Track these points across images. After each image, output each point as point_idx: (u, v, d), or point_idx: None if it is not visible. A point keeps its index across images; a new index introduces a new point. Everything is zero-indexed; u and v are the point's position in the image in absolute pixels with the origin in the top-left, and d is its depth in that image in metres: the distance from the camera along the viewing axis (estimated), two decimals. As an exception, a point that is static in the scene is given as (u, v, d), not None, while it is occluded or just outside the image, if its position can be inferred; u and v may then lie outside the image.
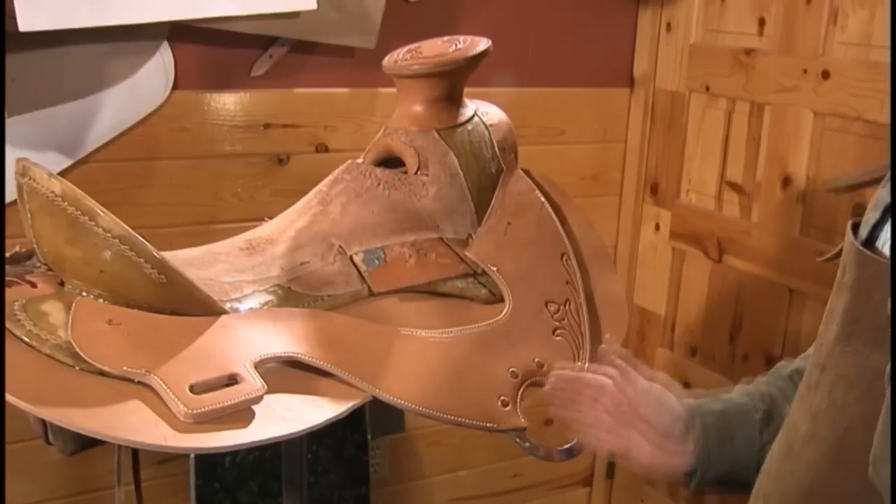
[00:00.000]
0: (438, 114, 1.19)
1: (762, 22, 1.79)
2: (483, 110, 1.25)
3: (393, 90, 1.24)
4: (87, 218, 0.88)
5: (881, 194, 0.84)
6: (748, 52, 1.82)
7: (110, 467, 1.68)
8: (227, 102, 1.71)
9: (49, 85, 1.54)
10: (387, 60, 1.20)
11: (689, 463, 1.04)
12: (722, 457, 1.04)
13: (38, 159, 1.53)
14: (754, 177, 1.84)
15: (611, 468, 2.29)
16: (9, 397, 0.81)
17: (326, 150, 1.79)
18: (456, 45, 1.19)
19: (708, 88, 1.92)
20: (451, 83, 1.18)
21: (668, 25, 2.00)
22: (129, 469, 1.15)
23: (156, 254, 0.90)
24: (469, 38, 1.20)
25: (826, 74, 1.66)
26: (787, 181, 1.76)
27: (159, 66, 1.62)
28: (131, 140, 1.64)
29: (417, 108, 1.19)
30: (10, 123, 1.50)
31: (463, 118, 1.21)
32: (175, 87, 1.65)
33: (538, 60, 1.96)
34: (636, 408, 1.05)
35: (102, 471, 1.72)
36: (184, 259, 1.04)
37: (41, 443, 0.98)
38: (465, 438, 2.11)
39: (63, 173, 1.58)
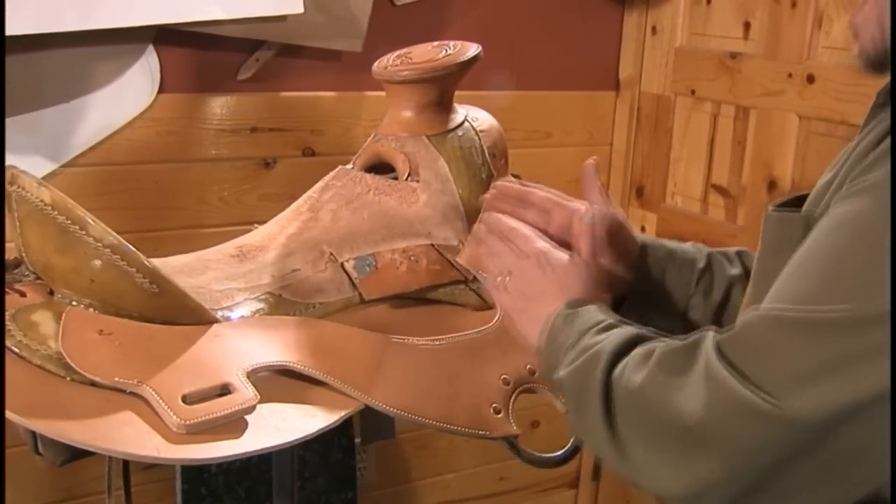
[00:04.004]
0: (429, 119, 1.19)
1: (747, 26, 1.80)
2: (473, 115, 1.25)
3: (380, 94, 1.24)
4: (77, 227, 0.87)
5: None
6: (733, 55, 1.82)
7: (96, 474, 1.67)
8: (214, 106, 1.70)
9: (34, 89, 1.53)
10: (376, 66, 1.19)
11: (625, 287, 1.14)
12: (654, 289, 1.13)
13: (22, 164, 1.51)
14: (740, 180, 1.84)
15: (597, 471, 2.29)
16: None
17: (313, 153, 1.79)
18: (446, 51, 1.18)
19: (693, 92, 1.93)
20: (441, 89, 1.18)
21: (654, 29, 2.01)
22: (118, 476, 1.14)
23: (147, 263, 0.89)
24: (459, 44, 1.20)
25: (811, 78, 1.67)
26: (772, 184, 1.76)
27: (145, 70, 1.61)
28: (117, 144, 1.63)
29: (407, 113, 1.19)
30: (-5, 128, 1.49)
31: (453, 124, 1.21)
32: (161, 90, 1.64)
33: (525, 64, 1.96)
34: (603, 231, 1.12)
35: (88, 477, 1.71)
36: (174, 266, 1.04)
37: (26, 449, 0.97)
38: (452, 442, 2.11)
39: (48, 178, 1.56)
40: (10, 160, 1.49)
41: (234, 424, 0.87)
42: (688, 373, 0.76)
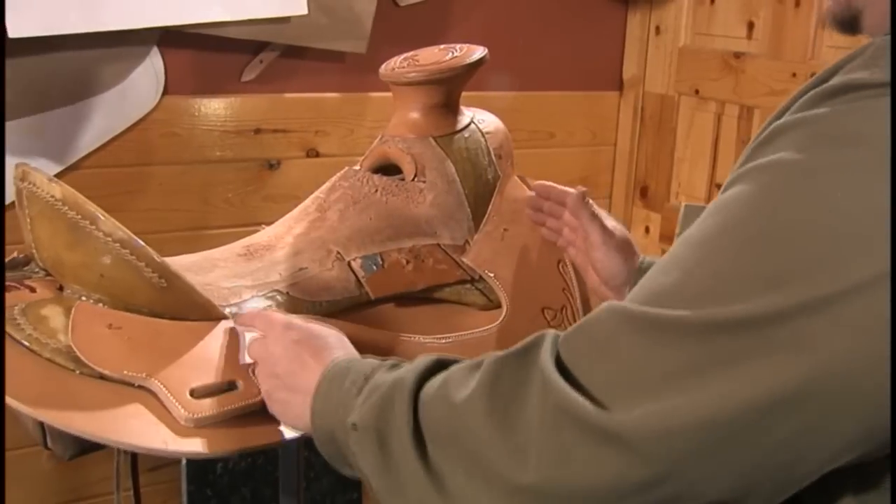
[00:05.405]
0: (435, 121, 1.19)
1: (751, 25, 1.81)
2: (479, 117, 1.25)
3: (384, 95, 1.24)
4: (87, 222, 0.88)
5: None
6: (737, 55, 1.83)
7: (103, 474, 1.68)
8: (218, 107, 1.70)
9: (39, 91, 1.53)
10: (384, 68, 1.20)
11: None
12: None
13: (28, 165, 1.52)
14: (744, 180, 1.84)
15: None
16: (9, 400, 0.80)
17: (317, 154, 1.79)
18: (452, 53, 1.19)
19: (697, 91, 1.93)
20: (447, 91, 1.18)
21: (657, 29, 2.01)
22: (127, 475, 1.15)
23: (157, 258, 0.90)
24: (465, 46, 1.20)
25: (815, 78, 1.67)
26: (776, 184, 1.76)
27: (149, 72, 1.62)
28: (121, 146, 1.64)
29: (414, 115, 1.19)
30: (1, 129, 1.50)
31: (460, 125, 1.21)
32: (165, 92, 1.64)
33: (528, 64, 1.97)
34: (590, 250, 1.12)
35: (95, 478, 1.71)
36: (182, 265, 1.04)
37: (34, 450, 0.98)
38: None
39: (53, 180, 1.57)
40: (16, 162, 1.50)
41: (241, 419, 0.88)
42: (524, 382, 0.64)
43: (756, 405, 0.55)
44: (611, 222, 1.13)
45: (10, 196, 0.95)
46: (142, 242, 0.89)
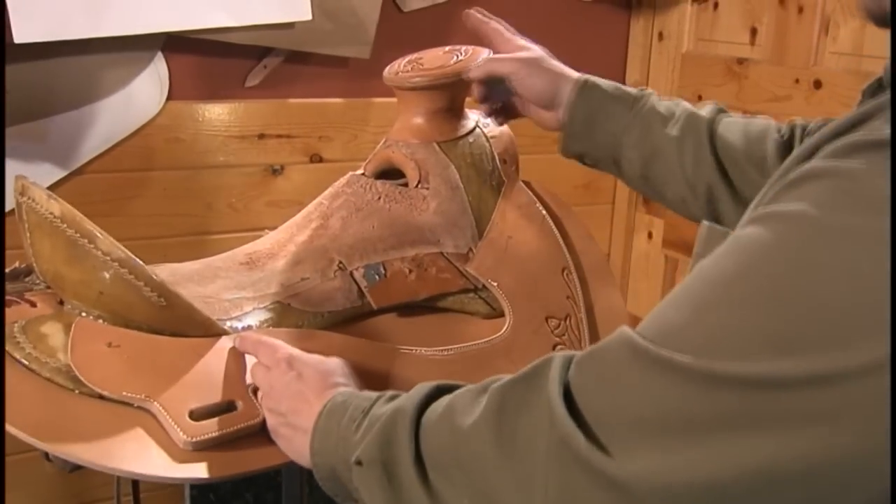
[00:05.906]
0: (439, 126, 1.18)
1: (754, 31, 1.80)
2: (484, 121, 1.24)
3: (388, 100, 1.24)
4: (86, 241, 0.87)
5: None
6: (740, 61, 1.82)
7: (106, 479, 1.68)
8: (222, 113, 1.70)
9: (43, 96, 1.53)
10: (387, 71, 1.19)
11: (556, 126, 1.14)
12: (586, 130, 1.11)
13: (32, 171, 1.52)
14: (748, 185, 1.84)
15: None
16: (9, 427, 0.80)
17: (321, 160, 1.79)
18: (457, 56, 1.18)
19: (700, 97, 1.93)
20: (452, 95, 1.18)
21: (661, 34, 2.01)
22: (127, 482, 1.14)
23: (155, 277, 0.89)
24: (471, 49, 1.19)
25: (818, 84, 1.67)
26: (780, 190, 1.76)
27: (154, 77, 1.62)
28: (125, 151, 1.64)
29: (418, 120, 1.18)
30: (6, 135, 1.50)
31: (464, 130, 1.20)
32: (169, 97, 1.65)
33: (532, 69, 1.96)
34: (517, 81, 1.13)
35: (97, 483, 1.72)
36: (184, 274, 1.04)
37: (35, 455, 0.98)
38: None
39: (57, 184, 1.57)
40: (19, 167, 1.51)
41: (241, 441, 0.87)
42: (530, 411, 0.63)
43: (760, 473, 0.53)
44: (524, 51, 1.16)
45: (10, 203, 0.95)
46: (140, 261, 0.89)
